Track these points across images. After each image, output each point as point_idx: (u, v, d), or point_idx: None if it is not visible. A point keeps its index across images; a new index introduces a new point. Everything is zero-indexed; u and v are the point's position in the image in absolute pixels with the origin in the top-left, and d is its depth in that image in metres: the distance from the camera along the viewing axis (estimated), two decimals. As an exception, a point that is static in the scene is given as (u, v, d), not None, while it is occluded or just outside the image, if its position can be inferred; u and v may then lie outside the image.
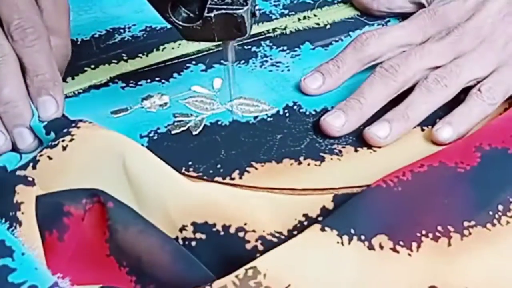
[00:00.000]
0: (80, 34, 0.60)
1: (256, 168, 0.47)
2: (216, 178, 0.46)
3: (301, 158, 0.47)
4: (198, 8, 0.45)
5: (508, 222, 0.41)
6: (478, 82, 0.50)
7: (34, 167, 0.44)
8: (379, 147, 0.48)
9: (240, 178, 0.46)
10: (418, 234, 0.39)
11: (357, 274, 0.38)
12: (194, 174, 0.46)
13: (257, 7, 0.45)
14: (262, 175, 0.46)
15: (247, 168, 0.47)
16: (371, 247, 0.39)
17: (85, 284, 0.38)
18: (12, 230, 0.38)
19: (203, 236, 0.40)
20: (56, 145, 0.44)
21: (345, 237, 0.38)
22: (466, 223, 0.40)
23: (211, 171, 0.46)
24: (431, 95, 0.49)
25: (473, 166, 0.43)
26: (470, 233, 0.40)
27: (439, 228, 0.40)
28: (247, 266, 0.37)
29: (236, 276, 0.36)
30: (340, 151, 0.48)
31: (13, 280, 0.34)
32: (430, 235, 0.39)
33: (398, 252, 0.39)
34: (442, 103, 0.50)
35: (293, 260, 0.38)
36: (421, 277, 0.38)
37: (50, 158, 0.44)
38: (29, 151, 0.48)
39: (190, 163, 0.47)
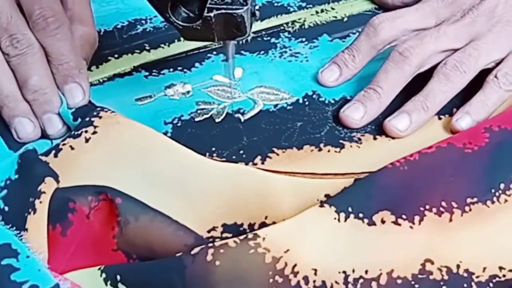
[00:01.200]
0: (103, 25, 0.62)
1: (278, 154, 0.48)
2: (239, 163, 0.47)
3: (321, 145, 0.49)
4: (198, 8, 0.45)
5: (506, 200, 0.42)
6: (496, 65, 0.51)
7: (56, 155, 0.45)
8: (398, 137, 0.50)
9: (262, 163, 0.47)
10: (422, 209, 0.41)
11: (352, 246, 0.39)
12: (218, 159, 0.47)
13: (257, 7, 0.46)
14: (283, 160, 0.47)
15: (269, 154, 0.48)
16: (371, 223, 0.40)
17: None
18: (26, 216, 0.39)
19: (229, 235, 0.41)
20: (79, 135, 0.45)
21: (342, 215, 0.40)
22: (468, 200, 0.42)
23: (234, 157, 0.48)
24: (450, 83, 0.50)
25: (481, 146, 0.44)
26: (470, 209, 0.41)
27: (443, 203, 0.41)
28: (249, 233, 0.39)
29: (238, 238, 0.38)
30: (360, 139, 0.49)
31: (15, 278, 0.35)
32: (434, 209, 0.41)
33: (400, 225, 0.40)
34: (460, 89, 0.50)
35: (293, 230, 0.39)
36: (419, 250, 0.40)
37: (72, 148, 0.45)
38: (58, 137, 0.49)
39: (213, 149, 0.48)
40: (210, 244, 0.38)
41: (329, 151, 0.48)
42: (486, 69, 0.51)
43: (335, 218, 0.40)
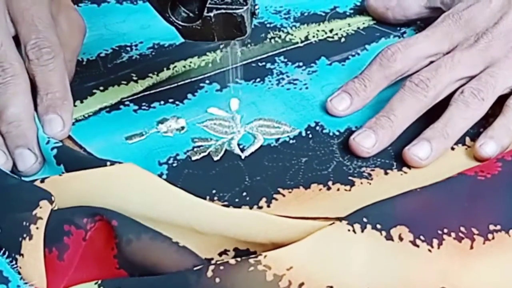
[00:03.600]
0: (86, 53, 0.58)
1: (284, 195, 0.45)
2: (243, 207, 0.44)
3: (330, 183, 0.45)
4: (198, 8, 0.44)
5: None
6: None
7: (42, 181, 0.42)
8: (410, 169, 0.46)
9: (268, 206, 0.44)
10: (440, 232, 0.39)
11: (370, 261, 0.37)
12: (220, 203, 0.44)
13: (257, 7, 0.45)
14: (290, 202, 0.44)
15: (274, 195, 0.44)
16: (389, 237, 0.38)
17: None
18: (20, 241, 0.38)
19: None
20: None
21: (357, 226, 0.38)
22: (492, 227, 0.40)
23: (236, 200, 0.44)
24: (469, 110, 0.47)
25: (494, 174, 0.42)
26: (493, 237, 0.40)
27: (462, 229, 0.39)
28: None
29: (241, 257, 0.37)
30: (370, 174, 0.46)
31: None
32: (453, 234, 0.39)
33: (418, 246, 0.38)
34: (480, 117, 0.48)
35: (299, 247, 0.37)
36: (437, 277, 0.38)
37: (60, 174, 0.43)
38: (29, 174, 0.46)
39: (214, 191, 0.45)
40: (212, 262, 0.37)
41: (338, 189, 0.45)
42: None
43: (349, 230, 0.38)
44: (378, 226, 0.38)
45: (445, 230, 0.39)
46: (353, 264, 0.37)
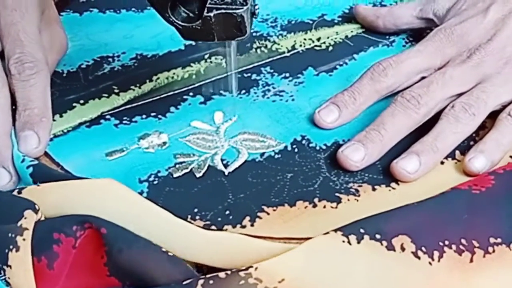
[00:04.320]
0: (66, 64, 0.56)
1: (268, 213, 0.43)
2: (226, 227, 0.42)
3: (316, 200, 0.44)
4: (198, 8, 0.44)
5: None
6: (504, 106, 0.48)
7: (19, 192, 0.41)
8: (398, 184, 0.45)
9: (252, 225, 0.42)
10: (441, 244, 0.38)
11: (367, 273, 0.37)
12: (201, 223, 0.42)
13: (256, 7, 0.45)
14: (275, 220, 0.43)
15: (258, 214, 0.43)
16: (390, 248, 0.37)
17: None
18: (7, 253, 0.37)
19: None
20: None
21: (352, 237, 0.37)
22: (492, 240, 0.39)
23: (219, 219, 0.43)
24: (460, 125, 0.46)
25: (488, 187, 0.42)
26: (494, 250, 0.39)
27: (463, 241, 0.39)
28: None
29: (230, 270, 0.36)
30: (357, 190, 0.45)
31: None
32: (454, 246, 0.38)
33: (419, 258, 0.37)
34: (471, 132, 0.47)
35: (290, 258, 0.37)
36: None
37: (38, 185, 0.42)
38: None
39: (195, 210, 0.43)
40: (202, 276, 0.36)
41: (325, 207, 0.43)
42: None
43: (343, 241, 0.37)
44: (378, 236, 0.37)
45: (446, 242, 0.38)
46: (349, 276, 0.36)
